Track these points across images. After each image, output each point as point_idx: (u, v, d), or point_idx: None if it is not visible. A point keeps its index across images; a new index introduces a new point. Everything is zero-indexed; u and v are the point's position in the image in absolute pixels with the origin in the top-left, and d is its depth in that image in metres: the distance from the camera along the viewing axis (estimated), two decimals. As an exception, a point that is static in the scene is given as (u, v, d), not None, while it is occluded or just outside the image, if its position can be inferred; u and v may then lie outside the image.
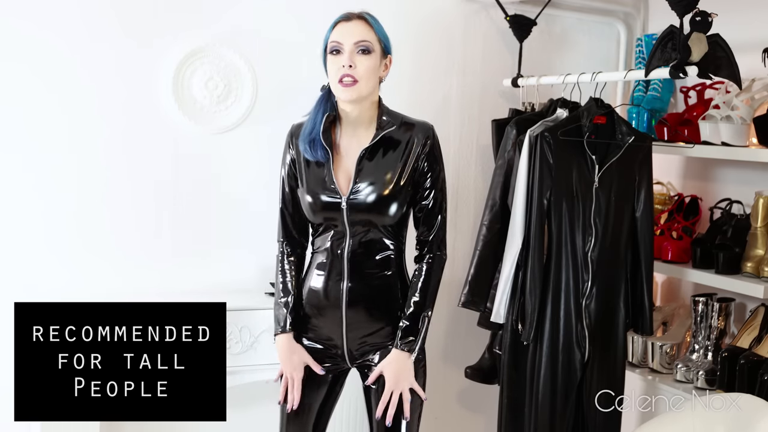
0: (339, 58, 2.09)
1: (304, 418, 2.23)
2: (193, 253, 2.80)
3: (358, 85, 2.08)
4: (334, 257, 2.16)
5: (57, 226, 2.62)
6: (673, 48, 2.40)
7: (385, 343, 2.19)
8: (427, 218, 2.20)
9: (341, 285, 2.16)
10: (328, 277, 2.17)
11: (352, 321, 2.17)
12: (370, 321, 2.18)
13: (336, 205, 2.13)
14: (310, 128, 2.15)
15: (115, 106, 2.66)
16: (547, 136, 2.57)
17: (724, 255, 2.69)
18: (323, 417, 2.27)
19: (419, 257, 2.22)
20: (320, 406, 2.24)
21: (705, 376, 2.75)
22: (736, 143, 2.68)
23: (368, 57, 2.09)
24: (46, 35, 2.55)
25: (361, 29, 2.10)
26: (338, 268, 2.16)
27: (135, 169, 2.70)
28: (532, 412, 2.63)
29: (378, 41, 2.12)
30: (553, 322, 2.59)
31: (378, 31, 2.12)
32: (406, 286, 2.21)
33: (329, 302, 2.18)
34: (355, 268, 2.15)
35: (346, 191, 2.13)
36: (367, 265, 2.16)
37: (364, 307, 2.17)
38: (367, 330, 2.18)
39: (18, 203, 2.57)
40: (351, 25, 2.10)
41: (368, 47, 2.09)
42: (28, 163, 2.57)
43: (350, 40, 2.08)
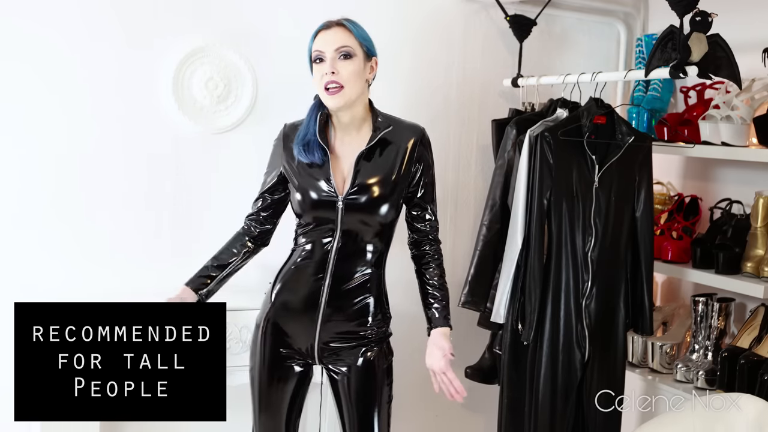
0: (322, 66, 2.15)
1: (276, 412, 2.27)
2: (192, 253, 2.78)
3: (344, 90, 2.13)
4: (319, 254, 2.20)
5: (57, 226, 2.62)
6: (673, 48, 2.40)
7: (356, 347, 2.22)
8: (424, 213, 2.28)
9: (323, 282, 2.19)
10: (312, 273, 2.20)
11: (328, 318, 2.20)
12: (345, 319, 2.21)
13: (332, 204, 2.16)
14: (304, 132, 2.20)
15: (115, 106, 2.66)
16: (547, 136, 2.57)
17: (724, 255, 2.69)
18: (294, 410, 2.30)
19: (421, 251, 2.30)
20: (290, 398, 2.27)
21: (705, 376, 2.75)
22: (736, 143, 2.68)
23: (350, 62, 2.13)
24: (46, 35, 2.55)
25: (341, 35, 2.14)
26: (322, 265, 2.19)
27: (135, 169, 2.70)
28: (532, 412, 2.63)
29: (359, 45, 2.16)
30: (553, 322, 2.59)
31: (358, 36, 2.16)
32: (382, 287, 2.26)
33: (307, 298, 2.20)
34: (339, 266, 2.19)
35: (343, 191, 2.16)
36: (352, 263, 2.20)
37: (342, 304, 2.20)
38: (340, 327, 2.21)
39: (18, 203, 2.57)
40: (330, 32, 2.15)
41: (349, 52, 2.13)
42: (28, 162, 2.57)
43: (330, 47, 2.13)
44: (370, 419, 2.23)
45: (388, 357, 2.28)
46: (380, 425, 2.24)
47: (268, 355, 2.24)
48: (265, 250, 2.40)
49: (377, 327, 2.24)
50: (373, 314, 2.23)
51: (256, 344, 2.28)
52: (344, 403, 2.26)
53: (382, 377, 2.25)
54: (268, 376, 2.25)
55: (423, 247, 2.29)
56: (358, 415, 2.24)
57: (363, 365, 2.23)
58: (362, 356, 2.23)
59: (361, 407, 2.23)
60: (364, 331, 2.23)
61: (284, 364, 2.25)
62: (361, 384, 2.23)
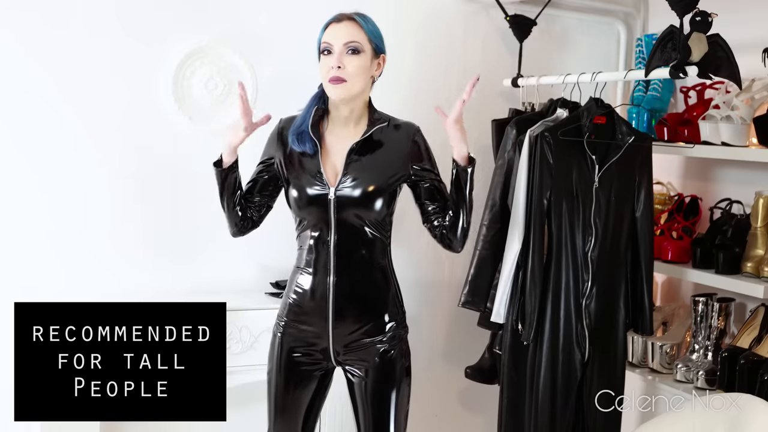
0: (329, 58, 2.14)
1: (292, 416, 2.24)
2: (193, 252, 2.80)
3: (347, 84, 2.13)
4: (319, 251, 2.18)
5: (57, 226, 2.62)
6: (673, 48, 2.40)
7: (372, 345, 2.19)
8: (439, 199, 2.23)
9: (328, 279, 2.17)
10: (315, 272, 2.19)
11: (339, 316, 2.18)
12: (357, 315, 2.19)
13: (323, 198, 2.15)
14: (300, 121, 2.20)
15: (116, 105, 2.66)
16: (547, 136, 2.57)
17: (724, 255, 2.69)
18: (311, 415, 2.28)
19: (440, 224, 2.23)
20: (308, 404, 2.25)
21: (705, 376, 2.74)
22: (736, 143, 2.68)
23: (357, 57, 2.13)
24: (46, 34, 2.55)
25: (351, 30, 2.14)
26: (324, 262, 2.18)
27: (135, 169, 2.70)
28: (532, 412, 2.63)
29: (368, 41, 2.15)
30: (553, 322, 2.59)
31: (368, 32, 2.16)
32: (390, 281, 2.23)
33: (316, 297, 2.19)
34: (341, 262, 2.17)
35: (334, 183, 2.16)
36: (353, 258, 2.18)
37: (350, 301, 2.18)
38: (353, 326, 2.19)
39: (18, 203, 2.57)
40: (341, 26, 2.15)
41: (357, 48, 2.13)
42: (27, 162, 2.57)
43: (339, 41, 2.13)
44: (386, 421, 2.19)
45: (407, 357, 2.24)
46: (396, 427, 2.20)
47: (284, 361, 2.22)
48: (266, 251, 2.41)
49: (391, 321, 2.21)
50: (386, 307, 2.21)
51: (273, 348, 2.25)
52: (360, 404, 2.22)
53: (400, 377, 2.21)
54: (284, 382, 2.23)
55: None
56: (373, 416, 2.20)
57: (380, 364, 2.19)
58: (380, 356, 2.19)
59: (377, 408, 2.20)
60: (378, 326, 2.19)
61: (300, 369, 2.22)
62: (379, 384, 2.20)
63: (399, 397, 2.20)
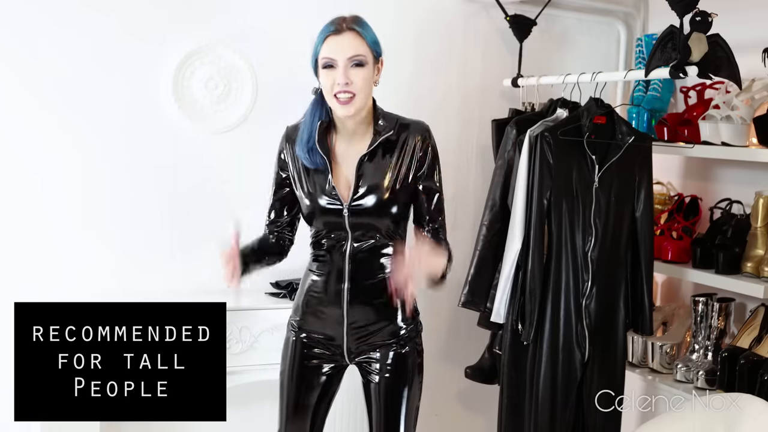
0: (332, 72, 2.06)
1: (304, 416, 2.24)
2: (192, 252, 2.80)
3: (356, 98, 2.07)
4: (334, 260, 2.17)
5: (57, 226, 2.62)
6: (673, 48, 2.40)
7: (387, 342, 2.19)
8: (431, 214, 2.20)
9: (342, 286, 2.16)
10: (328, 279, 2.18)
11: (354, 320, 2.18)
12: (372, 321, 2.18)
13: (338, 211, 2.13)
14: (307, 136, 2.15)
15: (116, 105, 2.66)
16: (547, 136, 2.57)
17: (724, 255, 2.69)
18: (320, 414, 2.27)
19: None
20: (317, 402, 2.25)
21: (705, 376, 2.74)
22: (736, 143, 2.68)
23: (363, 69, 2.07)
24: (47, 34, 2.55)
25: (354, 43, 2.06)
26: (339, 270, 2.16)
27: (135, 169, 2.70)
28: (532, 412, 2.63)
29: (370, 51, 2.09)
30: (553, 322, 2.59)
31: (369, 41, 2.09)
32: None
33: (330, 303, 2.18)
34: (356, 270, 2.16)
35: (347, 197, 2.13)
36: (369, 266, 2.16)
37: (365, 307, 2.17)
38: (368, 330, 2.18)
39: (18, 203, 2.57)
40: (342, 39, 2.06)
41: (362, 61, 2.07)
42: (28, 162, 2.58)
43: (343, 55, 2.05)
44: (397, 416, 2.19)
45: (420, 355, 2.23)
46: (407, 424, 2.20)
47: (297, 361, 2.22)
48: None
49: (405, 323, 2.20)
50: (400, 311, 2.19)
51: (287, 349, 2.25)
52: (373, 400, 2.22)
53: (412, 374, 2.21)
54: (297, 382, 2.23)
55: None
56: (385, 411, 2.20)
57: (393, 361, 2.19)
58: (393, 353, 2.19)
59: (390, 404, 2.20)
60: (392, 328, 2.19)
61: (313, 369, 2.22)
62: (391, 380, 2.19)
63: (411, 394, 2.20)
